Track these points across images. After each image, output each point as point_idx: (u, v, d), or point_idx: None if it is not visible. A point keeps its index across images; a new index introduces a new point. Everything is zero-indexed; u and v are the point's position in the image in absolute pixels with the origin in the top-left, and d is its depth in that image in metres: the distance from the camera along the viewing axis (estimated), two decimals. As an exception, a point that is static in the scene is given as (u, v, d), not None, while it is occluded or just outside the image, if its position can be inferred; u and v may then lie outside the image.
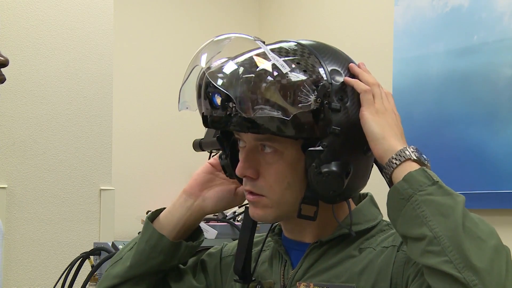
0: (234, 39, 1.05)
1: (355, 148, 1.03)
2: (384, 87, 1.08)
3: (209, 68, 1.01)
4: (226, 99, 0.98)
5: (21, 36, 2.35)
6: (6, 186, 2.28)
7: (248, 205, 1.14)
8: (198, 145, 2.86)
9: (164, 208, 1.21)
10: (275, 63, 0.98)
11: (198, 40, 1.09)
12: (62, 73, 2.43)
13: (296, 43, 1.06)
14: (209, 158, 2.89)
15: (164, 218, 1.18)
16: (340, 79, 1.03)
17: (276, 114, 0.96)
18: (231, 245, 1.24)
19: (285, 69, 0.98)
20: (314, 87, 0.98)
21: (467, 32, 2.56)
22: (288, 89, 0.97)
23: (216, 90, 0.99)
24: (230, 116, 0.98)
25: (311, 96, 0.98)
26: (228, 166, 1.13)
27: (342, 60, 1.06)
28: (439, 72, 2.63)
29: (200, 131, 2.94)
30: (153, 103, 3.04)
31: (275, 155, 1.03)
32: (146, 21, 3.08)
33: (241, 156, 1.07)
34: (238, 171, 1.05)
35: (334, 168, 0.99)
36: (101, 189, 2.49)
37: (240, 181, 1.12)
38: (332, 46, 1.09)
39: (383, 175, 1.02)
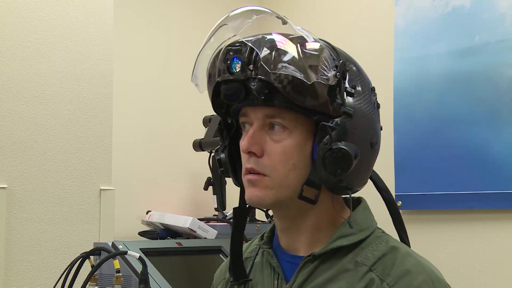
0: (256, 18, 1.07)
1: (363, 137, 1.04)
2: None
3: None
4: (247, 62, 0.99)
5: (21, 36, 2.35)
6: (6, 186, 2.27)
7: (235, 208, 1.14)
8: (198, 145, 2.86)
9: None
10: (301, 33, 1.01)
11: (199, 40, 1.08)
12: (62, 73, 2.43)
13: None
14: (209, 158, 2.91)
15: None
16: (353, 68, 1.05)
17: (299, 75, 0.96)
18: (218, 272, 1.24)
19: (310, 39, 1.00)
20: (334, 65, 1.00)
21: (469, 33, 2.56)
22: (311, 57, 0.99)
23: (236, 54, 1.00)
24: (248, 80, 0.99)
25: (331, 71, 0.99)
26: (224, 161, 1.11)
27: (348, 55, 1.09)
28: (440, 72, 2.63)
29: (200, 131, 2.94)
30: (153, 103, 3.03)
31: (284, 133, 1.02)
32: (146, 21, 3.07)
33: (245, 135, 1.06)
34: (243, 146, 1.04)
35: (344, 147, 0.99)
36: (101, 189, 2.49)
37: (236, 179, 1.12)
38: None
39: None
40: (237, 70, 1.00)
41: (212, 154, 2.82)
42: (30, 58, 2.36)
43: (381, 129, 1.10)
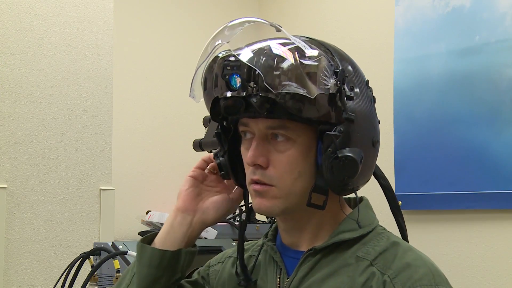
0: (248, 27, 1.04)
1: (365, 138, 1.03)
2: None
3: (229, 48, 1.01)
4: (247, 78, 0.98)
5: (21, 36, 2.35)
6: (6, 186, 2.27)
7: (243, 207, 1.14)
8: (198, 145, 2.86)
9: (154, 233, 1.15)
10: (298, 45, 0.99)
11: (198, 40, 1.08)
12: (62, 73, 2.43)
13: (301, 36, 1.06)
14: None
15: (163, 240, 1.12)
16: (349, 68, 1.04)
17: (302, 91, 0.95)
18: (219, 256, 1.24)
19: (308, 50, 0.99)
20: (333, 72, 0.99)
21: (469, 32, 2.56)
22: (311, 70, 0.98)
23: (235, 71, 0.98)
24: (249, 96, 0.97)
25: (330, 80, 0.98)
26: (225, 164, 1.11)
27: (342, 52, 1.07)
28: (440, 72, 2.63)
29: (200, 131, 2.94)
30: (153, 103, 3.03)
31: (288, 143, 1.02)
32: (146, 21, 3.07)
33: (246, 147, 1.06)
34: (249, 159, 1.03)
35: (350, 153, 0.99)
36: (101, 189, 2.49)
37: (236, 180, 1.12)
38: None
39: None
40: (237, 86, 0.98)
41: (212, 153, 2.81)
42: (30, 58, 2.36)
43: (379, 123, 1.10)
